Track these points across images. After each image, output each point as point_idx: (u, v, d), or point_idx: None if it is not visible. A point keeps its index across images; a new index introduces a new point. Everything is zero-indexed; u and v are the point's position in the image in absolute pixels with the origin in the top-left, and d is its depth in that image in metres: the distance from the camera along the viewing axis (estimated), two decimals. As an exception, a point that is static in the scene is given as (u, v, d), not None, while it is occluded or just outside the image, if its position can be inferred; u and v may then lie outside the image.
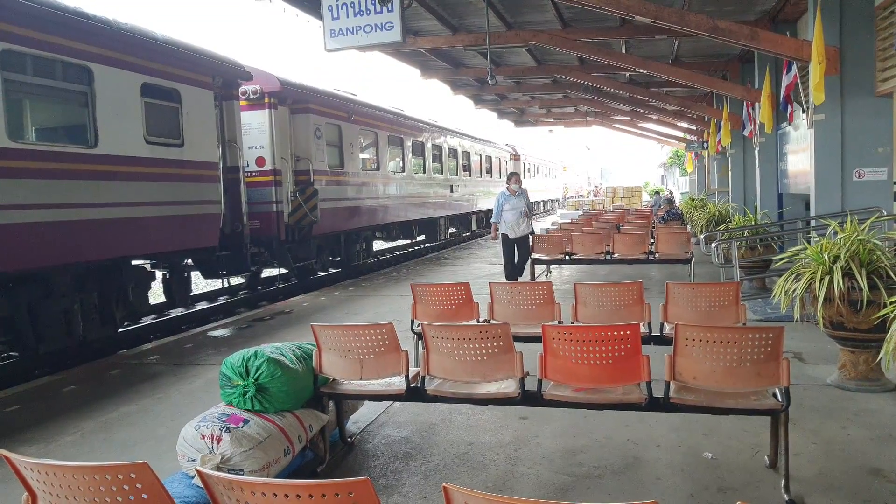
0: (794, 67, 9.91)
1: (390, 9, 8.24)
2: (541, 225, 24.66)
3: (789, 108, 10.33)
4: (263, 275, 13.79)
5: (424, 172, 18.59)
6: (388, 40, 8.47)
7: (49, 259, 7.06)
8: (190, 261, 9.97)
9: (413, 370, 4.09)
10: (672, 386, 3.59)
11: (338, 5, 8.43)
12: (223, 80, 9.78)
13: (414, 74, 19.05)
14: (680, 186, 44.36)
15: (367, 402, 4.85)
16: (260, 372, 3.80)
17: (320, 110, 12.53)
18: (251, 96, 10.98)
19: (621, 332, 3.54)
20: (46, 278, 7.33)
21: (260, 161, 11.26)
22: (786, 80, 10.08)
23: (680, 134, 32.48)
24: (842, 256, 5.00)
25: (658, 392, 3.61)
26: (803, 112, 10.60)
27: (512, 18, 13.68)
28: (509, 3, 12.69)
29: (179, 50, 8.72)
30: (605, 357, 3.56)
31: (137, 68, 8.02)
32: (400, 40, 8.46)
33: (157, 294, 10.86)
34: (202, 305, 11.81)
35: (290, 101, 11.73)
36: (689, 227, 15.43)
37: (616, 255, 10.58)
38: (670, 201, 16.71)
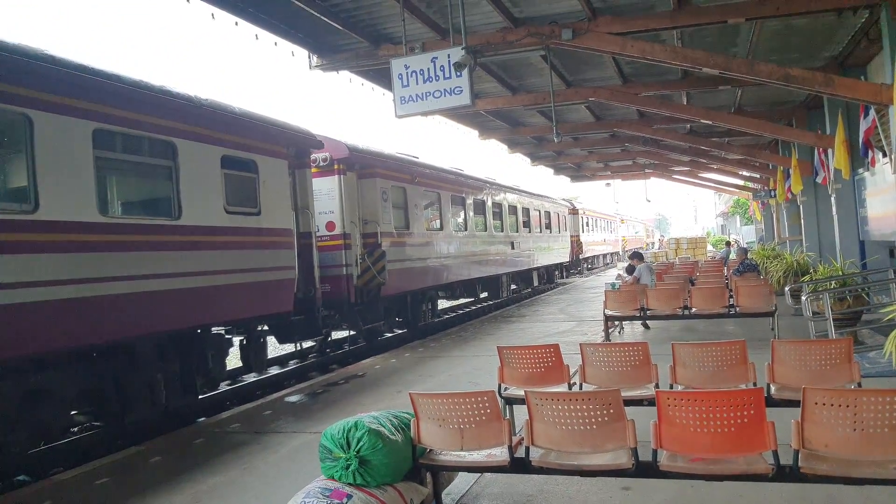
0: (872, 112, 9.63)
1: (459, 74, 8.37)
2: (604, 279, 24.25)
3: (870, 154, 9.99)
4: (332, 337, 13.83)
5: (486, 230, 18.60)
6: (458, 104, 8.59)
7: (134, 330, 7.19)
8: (265, 326, 10.07)
9: (513, 438, 3.93)
10: (800, 454, 3.35)
11: (407, 73, 8.61)
12: (296, 149, 10.05)
13: (472, 135, 19.32)
14: (744, 235, 43.27)
15: (459, 472, 4.69)
16: (361, 444, 3.71)
17: (386, 174, 12.73)
18: (321, 163, 11.25)
19: (745, 398, 3.33)
20: (132, 349, 7.47)
21: (330, 226, 11.44)
22: (864, 125, 9.78)
23: (741, 182, 31.85)
24: (962, 308, 4.69)
25: (784, 461, 3.36)
26: (884, 156, 10.25)
27: (571, 77, 13.79)
28: (569, 63, 12.81)
29: (256, 122, 9.02)
30: (728, 424, 3.35)
31: (217, 141, 8.30)
32: (469, 103, 8.57)
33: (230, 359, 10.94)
34: (274, 370, 11.87)
35: (358, 166, 11.97)
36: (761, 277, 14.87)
37: (694, 309, 10.23)
38: (745, 251, 16.14)
